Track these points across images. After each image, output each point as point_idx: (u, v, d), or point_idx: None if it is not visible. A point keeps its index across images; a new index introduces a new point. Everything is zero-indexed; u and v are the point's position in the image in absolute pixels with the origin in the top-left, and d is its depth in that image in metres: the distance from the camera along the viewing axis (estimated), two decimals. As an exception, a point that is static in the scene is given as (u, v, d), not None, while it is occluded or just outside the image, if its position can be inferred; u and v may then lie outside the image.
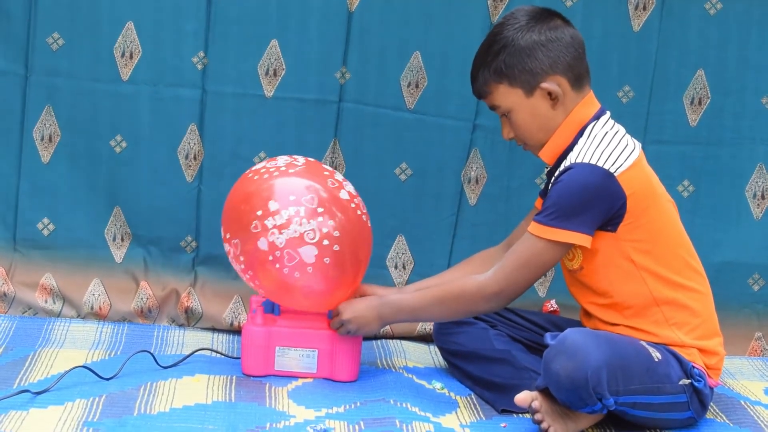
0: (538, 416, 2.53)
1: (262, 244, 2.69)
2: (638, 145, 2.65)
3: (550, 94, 2.62)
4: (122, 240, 3.17)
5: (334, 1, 3.09)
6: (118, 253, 3.17)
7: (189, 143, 3.14)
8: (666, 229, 2.65)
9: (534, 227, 2.59)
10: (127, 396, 2.62)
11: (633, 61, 3.14)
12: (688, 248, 2.69)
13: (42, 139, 3.13)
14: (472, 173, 3.19)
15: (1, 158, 3.13)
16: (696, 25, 3.14)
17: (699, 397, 2.61)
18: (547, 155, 2.67)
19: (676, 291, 2.64)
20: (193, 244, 3.18)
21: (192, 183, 3.16)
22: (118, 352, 2.92)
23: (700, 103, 3.19)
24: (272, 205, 2.69)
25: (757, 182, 3.23)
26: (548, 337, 2.52)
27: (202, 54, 3.11)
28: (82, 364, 2.74)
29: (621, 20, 3.14)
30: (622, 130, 2.65)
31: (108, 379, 2.70)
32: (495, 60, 2.62)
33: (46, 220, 3.15)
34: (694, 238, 2.74)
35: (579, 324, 2.80)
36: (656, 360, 2.55)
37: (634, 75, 3.14)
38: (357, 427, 2.54)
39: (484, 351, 2.80)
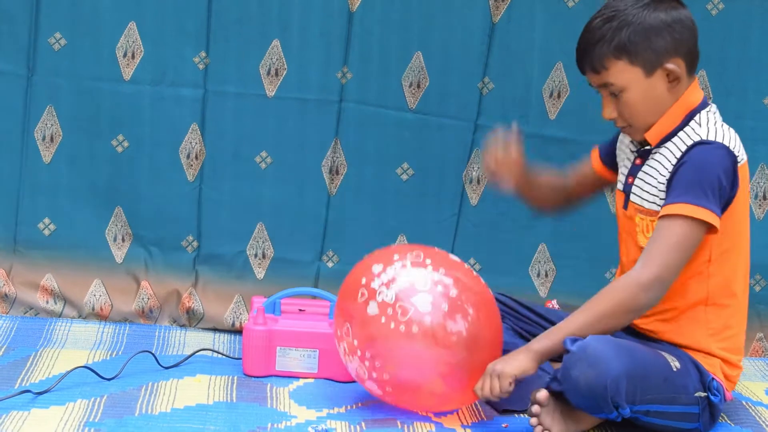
0: (533, 420, 2.52)
1: (372, 308, 2.53)
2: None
3: (668, 75, 2.55)
4: (123, 240, 3.17)
5: (335, 1, 3.09)
6: (119, 254, 3.17)
7: (190, 143, 3.15)
8: (744, 235, 2.65)
9: (677, 207, 2.50)
10: (129, 396, 2.62)
11: (635, 61, 3.13)
12: (748, 262, 2.69)
13: (43, 139, 3.13)
14: (474, 173, 3.19)
15: (3, 158, 3.13)
16: (697, 25, 3.13)
17: (711, 411, 2.60)
18: (653, 136, 2.60)
19: (728, 298, 2.64)
20: (195, 243, 3.18)
21: (193, 182, 3.16)
22: (120, 353, 2.92)
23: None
24: (376, 268, 2.58)
25: (758, 183, 3.23)
26: (568, 342, 2.50)
27: (203, 54, 3.11)
28: (83, 365, 2.74)
29: (622, 20, 3.13)
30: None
31: (109, 380, 2.70)
32: (617, 35, 2.52)
33: (47, 220, 3.15)
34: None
35: None
36: (675, 370, 2.53)
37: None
38: (358, 427, 2.54)
39: None
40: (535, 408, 2.52)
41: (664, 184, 2.57)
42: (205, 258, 3.19)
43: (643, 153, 2.64)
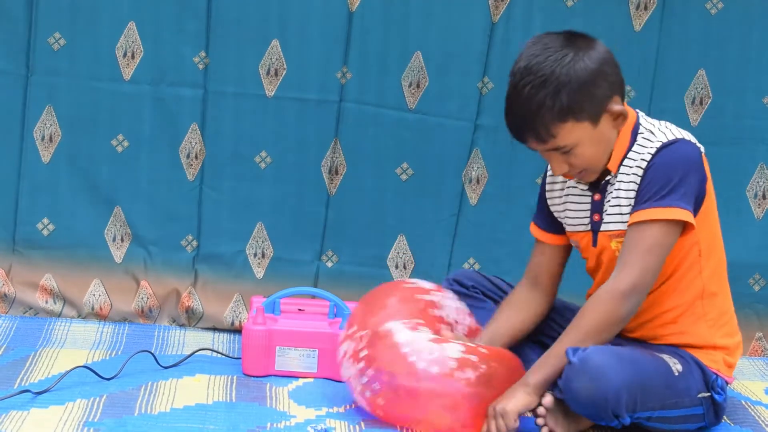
0: (540, 420, 2.53)
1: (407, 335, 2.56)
2: None
3: (613, 116, 2.51)
4: (122, 240, 3.17)
5: (334, 1, 3.09)
6: (118, 253, 3.17)
7: (190, 143, 3.15)
8: (717, 221, 2.64)
9: (646, 213, 2.48)
10: (128, 396, 2.62)
11: (634, 60, 3.13)
12: (722, 244, 2.68)
13: (42, 138, 3.13)
14: (473, 173, 3.19)
15: (2, 158, 3.13)
16: (697, 24, 3.14)
17: (715, 409, 2.60)
18: (614, 165, 2.55)
19: (720, 287, 2.64)
20: (194, 243, 3.18)
21: (193, 182, 3.17)
22: (119, 352, 2.92)
23: (701, 102, 3.18)
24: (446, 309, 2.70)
25: (758, 182, 3.22)
26: (570, 353, 2.49)
27: (203, 54, 3.11)
28: (82, 364, 2.74)
29: (622, 20, 3.13)
30: None
31: (109, 379, 2.70)
32: (557, 100, 2.43)
33: (45, 220, 3.15)
34: (695, 237, 2.75)
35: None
36: (676, 374, 2.52)
37: (635, 75, 3.14)
38: (357, 427, 2.54)
39: None
40: (541, 410, 2.52)
41: (631, 197, 2.54)
42: (205, 257, 3.19)
43: (603, 187, 2.59)
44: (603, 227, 2.60)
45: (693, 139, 2.54)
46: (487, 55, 3.13)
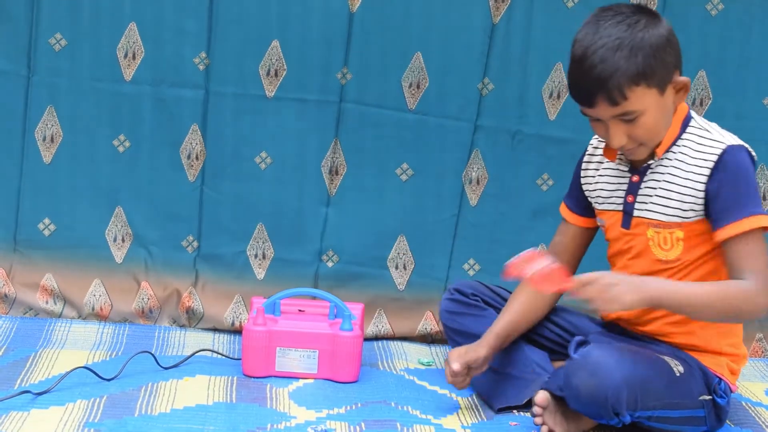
0: (538, 420, 2.53)
1: None
2: None
3: (677, 88, 2.52)
4: (123, 240, 3.17)
5: (335, 2, 3.09)
6: (119, 254, 3.17)
7: (191, 143, 3.15)
8: None
9: (749, 222, 2.49)
10: (128, 397, 2.63)
11: (634, 61, 3.13)
12: None
13: (44, 139, 3.13)
14: (473, 174, 3.19)
15: (3, 158, 3.14)
16: (697, 25, 3.14)
17: (717, 412, 2.60)
18: (663, 149, 2.56)
19: None
20: (195, 244, 3.19)
21: (194, 183, 3.17)
22: (119, 353, 2.92)
23: (701, 104, 3.18)
24: None
25: (758, 183, 3.22)
26: (572, 347, 2.50)
27: (203, 54, 3.12)
28: (83, 365, 2.74)
29: (622, 21, 3.13)
30: None
31: (109, 380, 2.70)
32: (633, 62, 2.43)
33: (47, 221, 3.16)
34: (695, 239, 2.74)
35: (586, 316, 2.80)
36: (678, 374, 2.52)
37: (636, 75, 3.13)
38: (358, 428, 2.54)
39: None
40: (536, 409, 2.53)
41: (692, 193, 2.54)
42: (205, 258, 3.19)
43: (644, 170, 2.59)
44: (638, 212, 2.60)
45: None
46: (488, 56, 3.13)
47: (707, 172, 2.52)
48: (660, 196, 2.58)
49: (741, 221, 2.50)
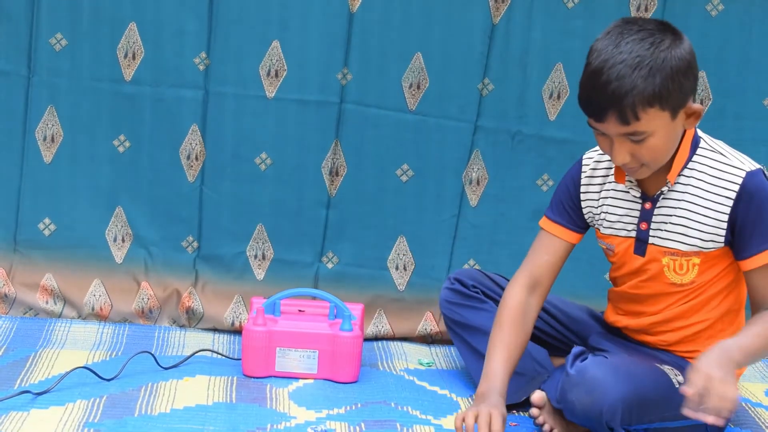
0: (540, 419, 2.54)
1: None
2: None
3: (689, 113, 2.44)
4: (123, 240, 3.18)
5: (335, 2, 3.09)
6: (119, 254, 3.17)
7: (191, 144, 3.15)
8: None
9: None
10: (128, 397, 2.63)
11: (634, 62, 3.13)
12: None
13: (44, 139, 3.13)
14: (474, 174, 3.19)
15: (3, 158, 3.14)
16: (697, 26, 3.14)
17: None
18: (672, 176, 2.51)
19: (737, 313, 2.64)
20: (195, 244, 3.19)
21: (194, 183, 3.17)
22: (119, 353, 2.92)
23: (701, 104, 3.18)
24: None
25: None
26: (569, 362, 2.48)
27: (204, 55, 3.12)
28: (83, 365, 2.74)
29: (623, 22, 3.13)
30: None
31: (109, 380, 2.70)
32: (650, 83, 2.36)
33: (47, 221, 3.16)
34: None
35: (587, 310, 2.79)
36: (677, 385, 2.50)
37: (636, 76, 3.13)
38: (358, 428, 2.55)
39: (489, 329, 2.76)
40: (534, 410, 2.53)
41: (709, 224, 2.51)
42: (205, 258, 3.19)
43: (657, 197, 2.55)
44: (653, 239, 2.56)
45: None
46: (488, 56, 3.13)
47: (730, 202, 2.48)
48: (678, 224, 2.53)
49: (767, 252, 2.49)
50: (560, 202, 2.69)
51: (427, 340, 3.18)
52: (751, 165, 2.51)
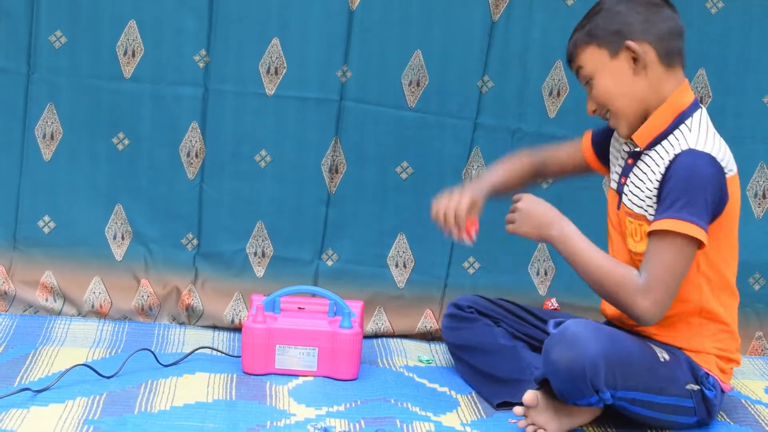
0: (521, 423, 2.54)
1: None
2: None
3: (633, 58, 2.56)
4: (123, 238, 3.17)
5: (335, 0, 3.09)
6: (119, 251, 3.17)
7: (190, 141, 3.15)
8: (734, 244, 2.64)
9: (667, 223, 2.49)
10: (128, 394, 2.63)
11: (634, 59, 3.13)
12: (735, 269, 2.68)
13: (44, 136, 3.13)
14: (474, 172, 3.19)
15: (3, 156, 3.14)
16: (697, 24, 3.14)
17: (707, 405, 2.60)
18: (641, 138, 2.59)
19: (720, 305, 2.64)
20: (194, 242, 3.19)
21: (193, 181, 3.17)
22: (119, 351, 2.92)
23: (701, 102, 3.18)
24: None
25: (758, 181, 3.23)
26: (551, 325, 2.52)
27: (203, 52, 3.12)
28: (82, 363, 2.74)
29: (622, 19, 3.13)
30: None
31: (109, 378, 2.70)
32: (590, 22, 2.59)
33: (46, 218, 3.16)
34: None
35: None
36: (662, 360, 2.53)
37: (636, 74, 3.14)
38: (357, 425, 2.54)
39: (488, 345, 2.80)
40: (518, 409, 2.53)
41: (652, 191, 2.56)
42: (205, 256, 3.19)
43: (634, 154, 2.63)
44: (624, 197, 2.63)
45: (725, 158, 2.53)
46: (487, 53, 3.13)
47: (663, 171, 2.53)
48: (637, 187, 2.60)
49: (666, 220, 2.50)
50: (602, 130, 2.81)
51: (427, 337, 3.18)
52: (704, 146, 2.52)
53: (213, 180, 3.17)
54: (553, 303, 3.08)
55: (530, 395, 2.52)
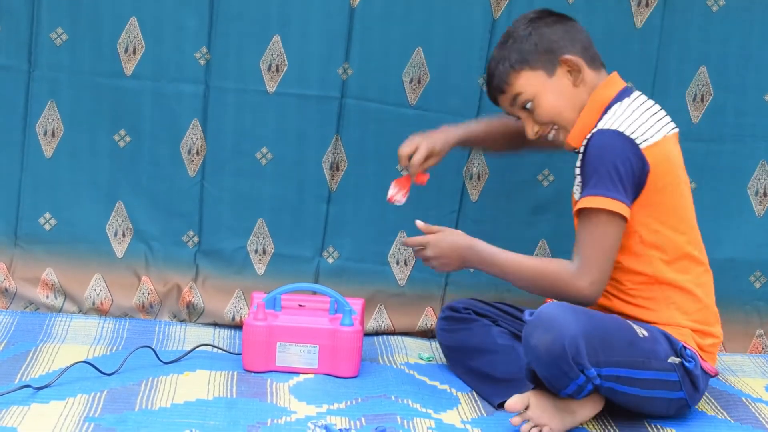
0: (516, 419, 2.53)
1: None
2: (671, 126, 2.67)
3: (569, 69, 2.65)
4: (123, 235, 3.18)
5: (336, -3, 3.10)
6: (120, 248, 3.17)
7: (191, 138, 3.15)
8: (679, 213, 2.67)
9: (584, 201, 2.58)
10: (129, 391, 2.63)
11: (635, 57, 3.13)
12: (693, 237, 2.70)
13: (45, 133, 3.13)
14: (474, 169, 3.19)
15: (4, 153, 3.14)
16: (698, 21, 3.14)
17: (691, 378, 2.60)
18: (575, 138, 2.68)
19: (679, 274, 2.66)
20: (195, 239, 3.19)
21: (194, 178, 3.17)
22: (120, 348, 2.92)
23: (702, 99, 3.18)
24: None
25: (759, 179, 3.22)
26: (526, 314, 2.53)
27: (204, 49, 3.11)
28: (83, 360, 2.74)
29: (623, 17, 3.13)
30: (657, 107, 2.68)
31: (109, 375, 2.71)
32: (513, 51, 2.67)
33: (47, 215, 3.16)
34: (696, 235, 2.75)
35: None
36: (641, 336, 2.55)
37: (636, 72, 3.13)
38: (358, 422, 2.55)
39: (486, 345, 2.81)
40: (510, 404, 2.53)
41: (578, 179, 2.65)
42: (206, 253, 3.19)
43: (577, 153, 2.69)
44: (575, 194, 2.70)
45: (637, 130, 2.59)
46: (488, 50, 3.12)
47: (581, 156, 2.63)
48: (577, 175, 2.67)
49: (583, 199, 2.58)
50: None
51: (428, 334, 3.18)
52: (614, 125, 2.59)
53: (214, 177, 3.17)
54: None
55: (515, 400, 2.51)
